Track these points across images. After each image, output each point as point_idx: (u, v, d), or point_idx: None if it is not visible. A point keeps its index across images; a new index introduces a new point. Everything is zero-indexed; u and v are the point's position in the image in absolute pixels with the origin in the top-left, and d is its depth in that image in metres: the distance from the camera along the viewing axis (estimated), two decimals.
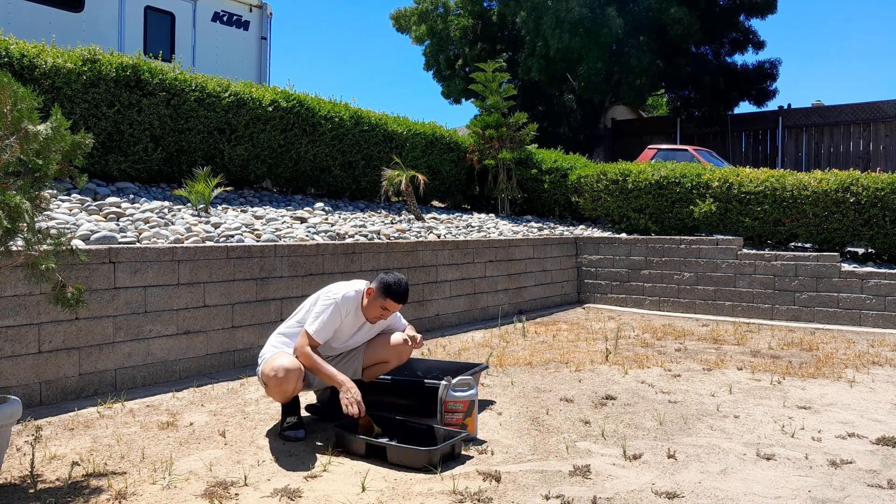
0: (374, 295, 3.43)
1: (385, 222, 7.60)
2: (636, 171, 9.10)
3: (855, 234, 7.65)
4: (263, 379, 3.38)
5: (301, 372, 3.33)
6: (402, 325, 3.80)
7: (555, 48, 16.24)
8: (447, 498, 2.75)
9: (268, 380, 3.33)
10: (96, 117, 6.15)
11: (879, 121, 16.58)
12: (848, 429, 3.74)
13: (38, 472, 2.93)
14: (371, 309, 3.46)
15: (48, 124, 2.72)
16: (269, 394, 3.44)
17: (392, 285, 3.39)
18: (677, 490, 2.86)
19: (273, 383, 3.31)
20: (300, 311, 3.60)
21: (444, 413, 3.43)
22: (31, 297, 3.82)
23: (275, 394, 3.39)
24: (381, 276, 3.45)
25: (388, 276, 3.44)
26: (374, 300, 3.44)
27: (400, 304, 3.44)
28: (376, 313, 3.47)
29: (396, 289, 3.39)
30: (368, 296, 3.46)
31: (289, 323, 3.61)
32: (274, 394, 3.40)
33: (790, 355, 5.73)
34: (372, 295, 3.44)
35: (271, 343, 3.55)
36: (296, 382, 3.32)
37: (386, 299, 3.41)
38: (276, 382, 3.30)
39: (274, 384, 3.31)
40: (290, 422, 3.47)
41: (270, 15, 11.49)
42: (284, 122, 7.67)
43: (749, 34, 18.24)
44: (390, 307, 3.45)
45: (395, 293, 3.40)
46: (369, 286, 3.50)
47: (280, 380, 3.28)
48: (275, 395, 3.40)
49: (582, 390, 4.48)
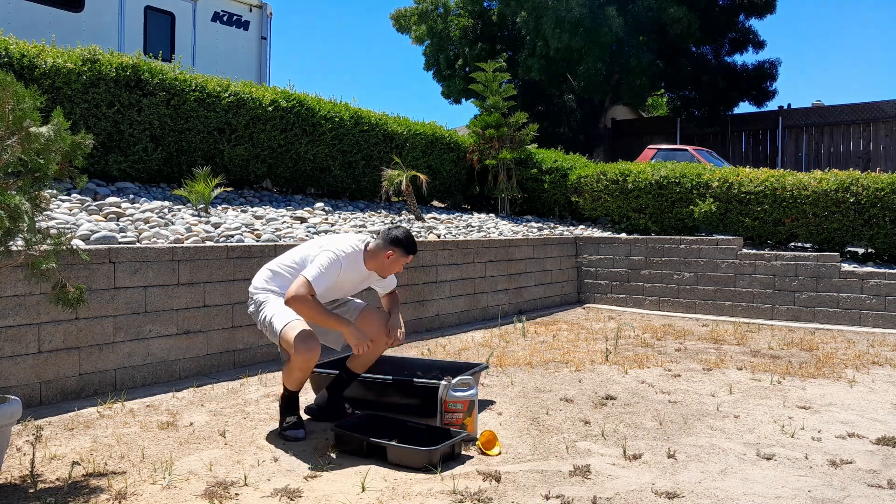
0: (379, 249, 3.51)
1: (385, 222, 7.60)
2: (636, 171, 9.10)
3: (855, 234, 7.65)
4: (288, 350, 3.33)
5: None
6: (393, 282, 3.86)
7: (555, 48, 16.24)
8: (447, 498, 2.75)
9: (297, 358, 3.28)
10: (96, 117, 6.15)
11: (879, 121, 16.58)
12: (848, 429, 3.74)
13: (38, 472, 2.93)
14: (391, 267, 3.55)
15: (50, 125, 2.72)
16: (292, 366, 3.35)
17: (402, 238, 3.51)
18: (677, 490, 2.86)
19: (302, 361, 3.28)
20: (294, 252, 3.58)
21: (444, 413, 3.44)
22: (31, 297, 3.82)
23: (297, 370, 3.34)
24: (390, 233, 3.53)
25: (396, 230, 3.54)
26: (395, 259, 3.52)
27: (411, 255, 3.57)
28: (388, 266, 3.56)
29: (407, 242, 3.52)
30: (379, 255, 3.53)
31: (281, 261, 3.56)
32: (296, 370, 3.34)
33: (790, 355, 5.73)
34: (389, 256, 3.51)
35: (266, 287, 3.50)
36: (318, 357, 3.34)
37: (407, 255, 3.54)
38: (305, 360, 3.27)
39: (303, 361, 3.28)
40: (290, 421, 3.46)
41: (270, 15, 11.49)
42: (284, 122, 7.67)
43: (749, 34, 18.25)
44: (401, 259, 3.55)
45: (408, 246, 3.52)
46: (368, 243, 3.56)
47: (310, 357, 3.27)
48: (297, 370, 3.35)
49: (582, 390, 4.48)
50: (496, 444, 3.32)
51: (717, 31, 17.67)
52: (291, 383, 3.44)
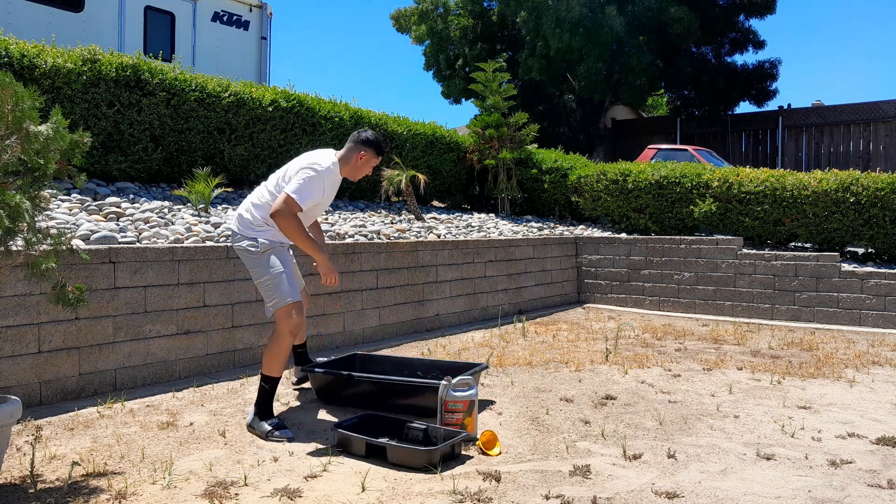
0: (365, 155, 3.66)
1: (385, 222, 7.60)
2: (636, 171, 9.10)
3: (855, 234, 7.65)
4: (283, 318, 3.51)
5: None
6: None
7: (555, 48, 16.23)
8: (447, 498, 2.75)
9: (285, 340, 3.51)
10: (96, 117, 6.15)
11: (879, 121, 16.57)
12: (848, 429, 3.74)
13: (38, 472, 2.93)
14: (363, 168, 3.70)
15: (49, 125, 2.72)
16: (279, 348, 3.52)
17: (372, 140, 3.67)
18: (677, 490, 2.86)
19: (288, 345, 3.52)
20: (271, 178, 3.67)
21: (444, 413, 3.44)
22: (31, 297, 3.82)
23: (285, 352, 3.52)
24: (362, 135, 3.68)
25: (365, 132, 3.70)
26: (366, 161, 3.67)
27: (380, 156, 3.73)
28: (362, 168, 3.71)
29: (377, 141, 3.68)
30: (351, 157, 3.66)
31: (260, 193, 3.66)
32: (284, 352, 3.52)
33: (790, 355, 5.73)
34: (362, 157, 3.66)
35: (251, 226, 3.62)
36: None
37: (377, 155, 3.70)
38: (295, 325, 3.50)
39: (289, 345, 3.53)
40: (273, 423, 3.48)
41: (270, 15, 11.48)
42: (284, 122, 7.67)
43: (749, 34, 18.23)
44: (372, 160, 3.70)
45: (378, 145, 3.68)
46: (339, 153, 3.68)
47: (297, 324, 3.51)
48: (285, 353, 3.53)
49: (582, 390, 4.48)
50: (496, 444, 3.32)
51: (718, 31, 17.66)
52: (274, 369, 3.54)
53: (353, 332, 5.80)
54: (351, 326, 5.77)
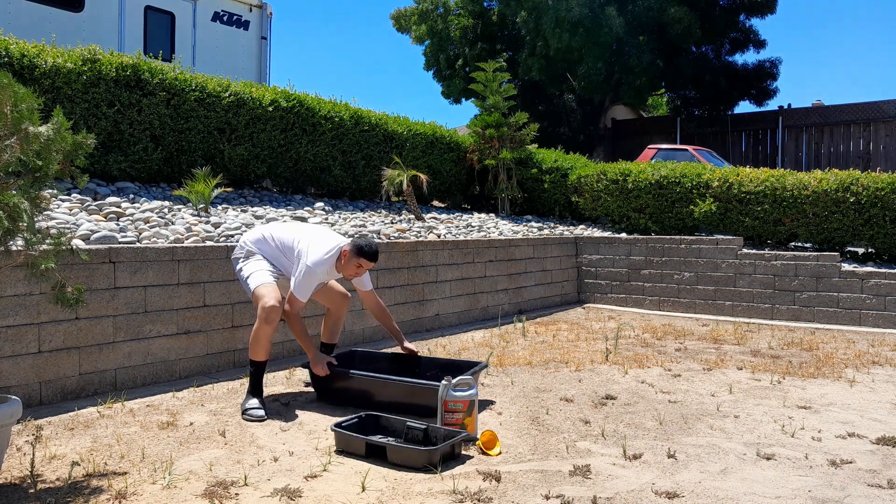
0: (349, 256, 3.99)
1: (385, 222, 7.60)
2: (636, 170, 9.10)
3: (855, 233, 7.65)
4: (259, 307, 3.84)
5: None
6: (368, 282, 4.34)
7: (555, 48, 16.24)
8: (447, 498, 2.75)
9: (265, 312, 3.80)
10: (96, 117, 6.15)
11: (879, 121, 16.57)
12: (848, 428, 3.74)
13: (38, 472, 2.93)
14: (348, 268, 4.03)
15: (49, 125, 2.72)
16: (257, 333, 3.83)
17: (364, 248, 4.00)
18: (677, 490, 2.86)
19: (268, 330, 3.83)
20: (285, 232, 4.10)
21: (444, 413, 3.43)
22: (31, 296, 3.82)
23: (265, 338, 3.84)
24: (354, 241, 4.05)
25: (361, 240, 4.06)
26: (349, 261, 4.00)
27: (373, 262, 4.06)
28: (352, 271, 4.05)
29: (368, 250, 4.00)
30: (345, 257, 4.01)
31: (273, 233, 4.11)
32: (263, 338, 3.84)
33: (790, 355, 5.73)
34: (347, 256, 4.00)
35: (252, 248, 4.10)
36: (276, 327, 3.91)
37: (360, 259, 4.00)
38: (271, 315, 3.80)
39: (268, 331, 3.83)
40: (253, 403, 3.82)
41: (270, 15, 11.48)
42: (284, 122, 7.67)
43: (749, 34, 18.23)
44: (364, 265, 4.04)
45: (367, 254, 4.00)
46: (344, 248, 4.02)
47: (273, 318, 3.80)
48: (264, 339, 3.84)
49: (582, 390, 4.48)
50: (496, 443, 3.32)
51: (718, 30, 17.65)
52: (257, 354, 3.87)
53: (352, 331, 5.80)
54: (351, 326, 5.77)
